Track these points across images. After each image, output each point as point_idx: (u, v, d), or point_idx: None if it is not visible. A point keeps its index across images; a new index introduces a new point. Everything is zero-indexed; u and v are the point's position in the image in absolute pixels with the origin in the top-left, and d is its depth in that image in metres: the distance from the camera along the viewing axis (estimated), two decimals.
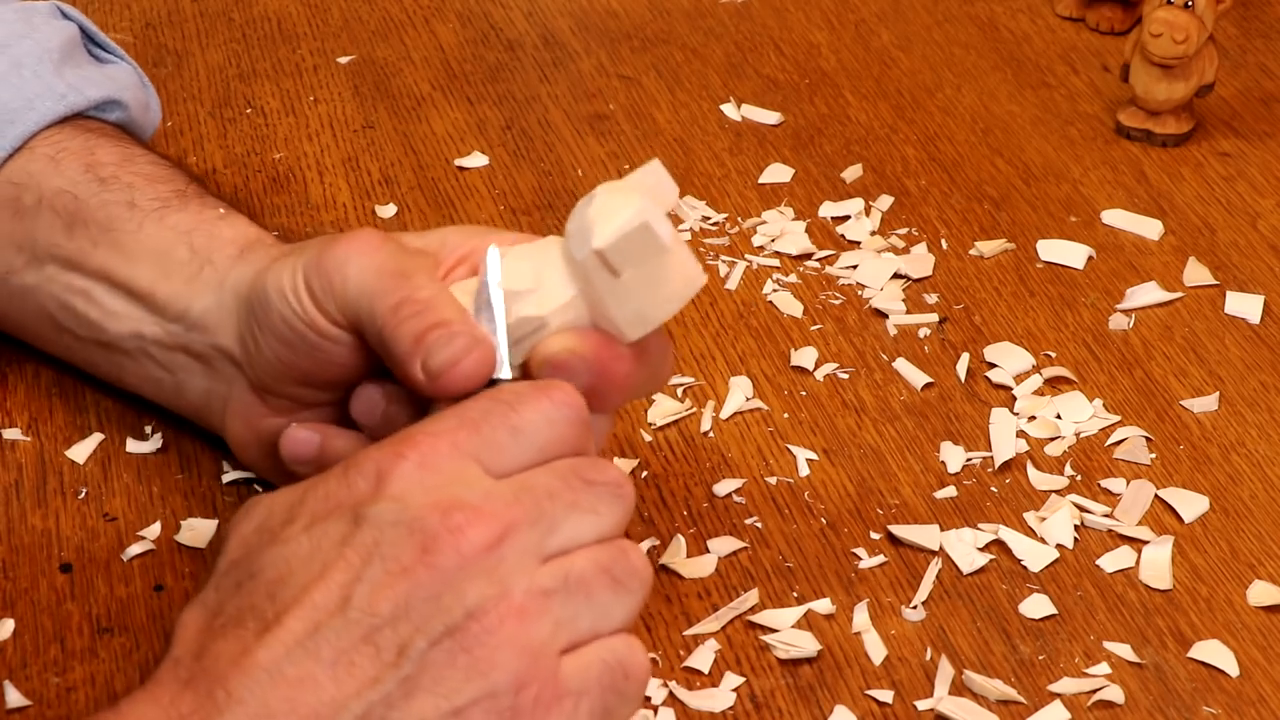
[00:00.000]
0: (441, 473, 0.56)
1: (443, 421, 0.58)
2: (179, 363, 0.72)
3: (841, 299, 0.85)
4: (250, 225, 0.73)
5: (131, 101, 0.81)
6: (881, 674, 0.67)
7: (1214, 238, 0.91)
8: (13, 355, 0.79)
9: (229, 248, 0.71)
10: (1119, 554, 0.72)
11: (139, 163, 0.76)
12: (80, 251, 0.73)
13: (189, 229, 0.72)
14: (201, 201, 0.74)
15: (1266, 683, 0.67)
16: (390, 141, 0.96)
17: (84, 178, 0.74)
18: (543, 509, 0.57)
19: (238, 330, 0.69)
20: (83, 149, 0.76)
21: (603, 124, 0.98)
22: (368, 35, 1.05)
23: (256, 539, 0.57)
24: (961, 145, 0.97)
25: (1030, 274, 0.88)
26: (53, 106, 0.77)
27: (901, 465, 0.76)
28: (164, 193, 0.74)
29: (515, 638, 0.54)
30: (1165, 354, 0.83)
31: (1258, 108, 1.01)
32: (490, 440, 0.58)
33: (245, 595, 0.55)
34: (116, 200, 0.73)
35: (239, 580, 0.56)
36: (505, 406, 0.59)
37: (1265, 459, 0.77)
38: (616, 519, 0.58)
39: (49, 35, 0.79)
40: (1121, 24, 1.07)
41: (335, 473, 0.57)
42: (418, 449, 0.57)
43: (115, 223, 0.73)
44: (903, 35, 1.07)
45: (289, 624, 0.53)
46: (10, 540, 0.71)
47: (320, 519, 0.56)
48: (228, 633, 0.54)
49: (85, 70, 0.80)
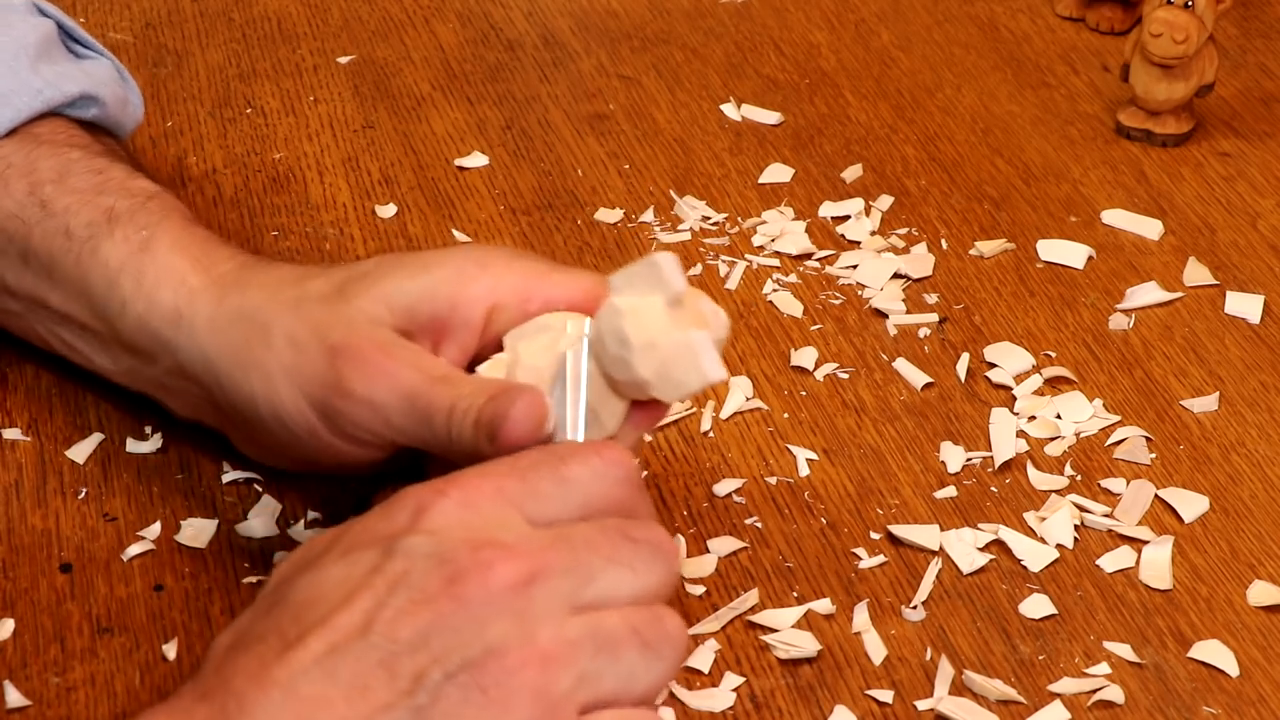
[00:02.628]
0: (481, 513, 0.56)
1: (493, 466, 0.58)
2: (165, 395, 0.73)
3: (841, 299, 0.85)
4: (172, 252, 0.70)
5: (109, 97, 0.80)
6: (881, 674, 0.67)
7: (1214, 238, 0.91)
8: (13, 355, 0.79)
9: (160, 304, 0.69)
10: (1119, 554, 0.72)
11: (74, 176, 0.74)
12: (39, 285, 0.73)
13: (118, 267, 0.70)
14: (129, 221, 0.71)
15: (1266, 683, 0.67)
16: (390, 141, 0.96)
17: (29, 200, 0.73)
18: (579, 558, 0.56)
19: (212, 402, 0.70)
20: (26, 165, 0.74)
21: (603, 124, 0.98)
22: (368, 35, 1.05)
23: (293, 569, 0.57)
24: (961, 145, 0.97)
25: (1030, 274, 0.88)
26: (29, 102, 0.76)
27: (901, 465, 0.76)
28: (95, 215, 0.72)
29: (534, 683, 0.53)
30: (1165, 354, 0.83)
31: (1258, 108, 1.01)
32: (535, 489, 0.57)
33: (273, 617, 0.55)
34: (55, 229, 0.72)
35: (270, 604, 0.56)
36: (555, 459, 0.58)
37: (1265, 459, 0.77)
38: (657, 580, 0.57)
39: (25, 32, 0.79)
40: (1121, 24, 1.07)
41: (379, 508, 0.57)
42: (461, 489, 0.56)
43: (55, 255, 0.72)
44: (903, 35, 1.07)
45: (309, 644, 0.53)
46: (10, 540, 0.71)
47: (356, 548, 0.56)
48: (249, 649, 0.54)
49: (61, 66, 0.79)
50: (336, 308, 0.66)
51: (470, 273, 0.67)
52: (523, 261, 0.68)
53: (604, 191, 0.93)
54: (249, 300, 0.68)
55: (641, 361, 0.62)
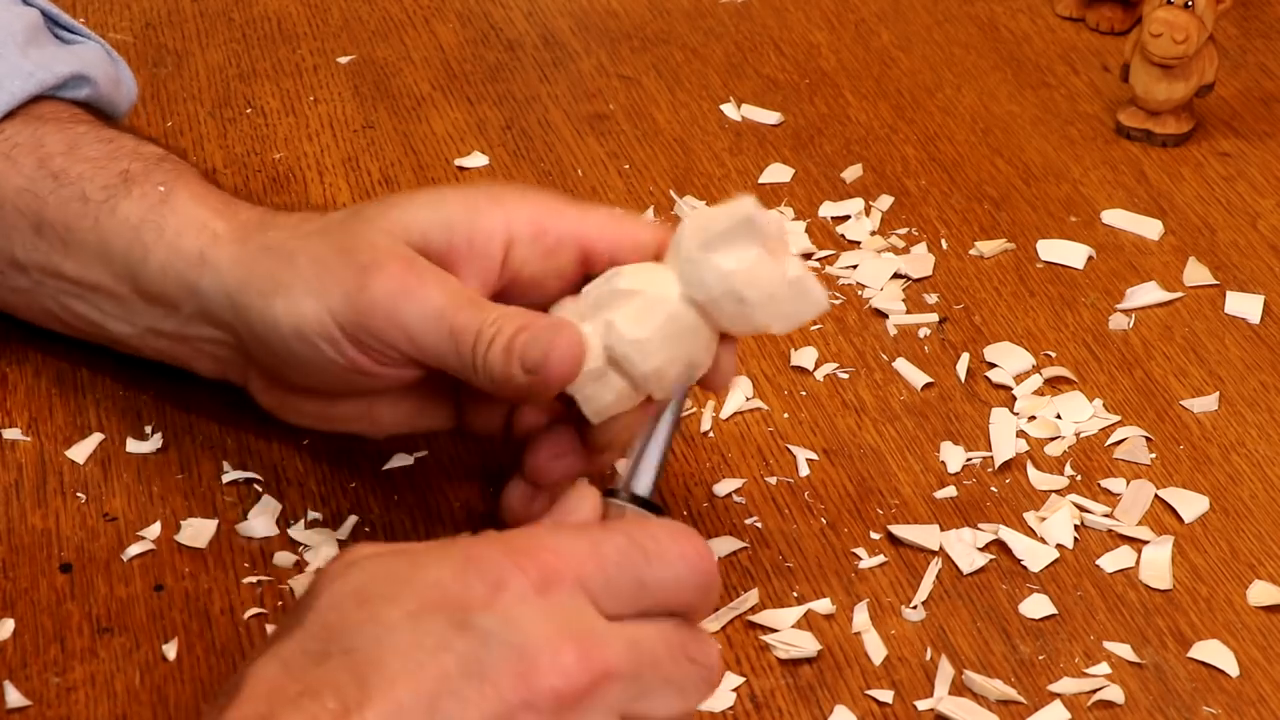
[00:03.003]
0: (558, 602, 0.54)
1: (575, 543, 0.56)
2: (186, 353, 0.73)
3: (841, 299, 0.85)
4: (191, 204, 0.72)
5: (100, 77, 0.80)
6: (881, 674, 0.67)
7: (1214, 238, 0.91)
8: (13, 355, 0.79)
9: (184, 250, 0.70)
10: (1119, 554, 0.72)
11: (85, 146, 0.75)
12: (52, 255, 0.73)
13: (138, 222, 0.72)
14: (145, 180, 0.73)
15: (1266, 683, 0.67)
16: (390, 141, 0.96)
17: (39, 174, 0.74)
18: (642, 671, 0.55)
19: (238, 337, 0.70)
20: (32, 142, 0.75)
21: (603, 124, 0.98)
22: (368, 35, 1.05)
23: (354, 608, 0.54)
24: (961, 145, 0.97)
25: (1030, 274, 0.88)
26: (22, 85, 0.76)
27: (901, 465, 0.76)
28: (110, 178, 0.73)
29: None
30: (1165, 354, 0.83)
31: (1258, 108, 1.01)
32: (616, 586, 0.56)
33: (331, 670, 0.53)
34: (70, 195, 0.73)
35: (327, 649, 0.53)
36: (642, 557, 0.56)
37: (1265, 459, 0.77)
38: (697, 702, 0.57)
39: (10, 20, 0.79)
40: (1121, 24, 1.07)
41: (453, 562, 0.55)
42: (541, 569, 0.55)
43: (72, 221, 0.73)
44: (903, 35, 1.07)
45: (368, 717, 0.51)
46: (10, 540, 0.71)
47: (427, 610, 0.54)
48: (303, 705, 0.52)
49: (50, 50, 0.80)
50: (359, 230, 0.67)
51: (483, 205, 0.67)
52: (538, 194, 0.68)
53: (604, 191, 0.93)
54: (272, 238, 0.69)
55: (762, 313, 0.64)
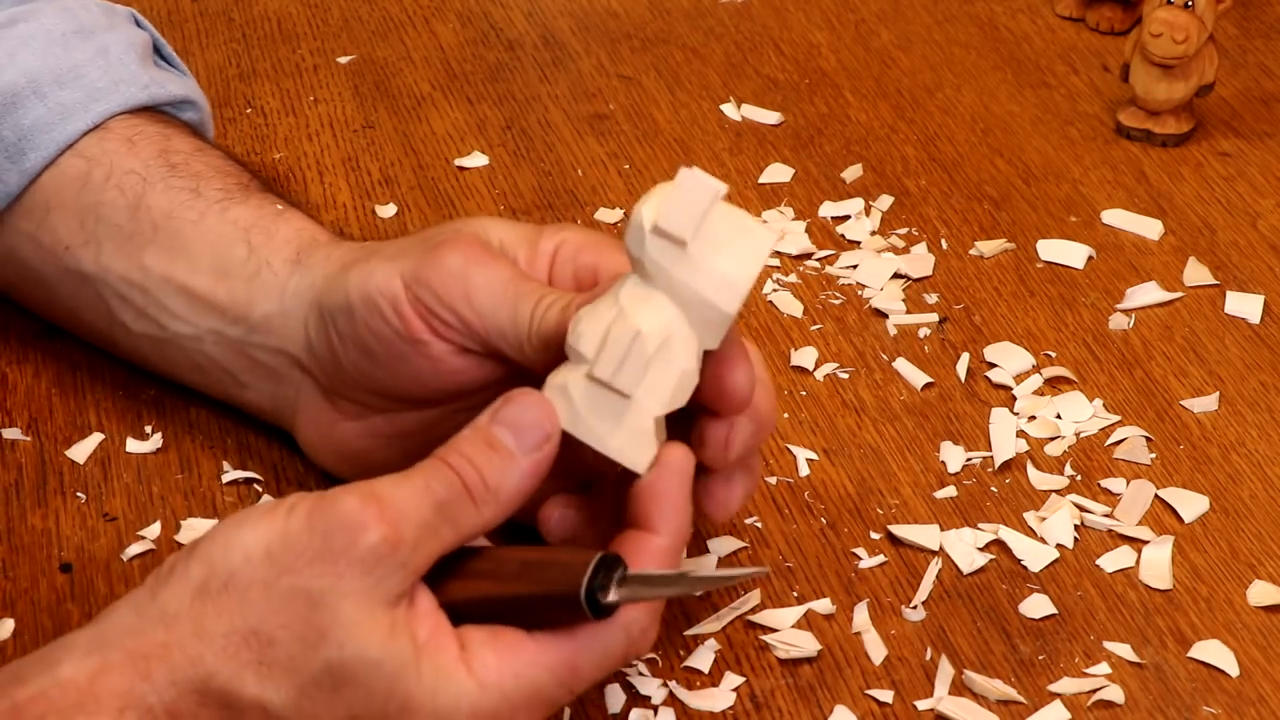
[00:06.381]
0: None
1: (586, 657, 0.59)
2: (241, 366, 0.73)
3: (841, 299, 0.85)
4: (306, 221, 0.74)
5: (204, 107, 0.83)
6: (881, 674, 0.67)
7: (1214, 238, 0.91)
8: (13, 355, 0.79)
9: (285, 249, 0.72)
10: (1119, 554, 0.72)
11: (210, 156, 0.77)
12: (138, 237, 0.74)
13: (248, 225, 0.73)
14: (263, 196, 0.75)
15: (1266, 683, 0.67)
16: (390, 141, 0.96)
17: (155, 162, 0.76)
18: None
19: (305, 337, 0.70)
20: (159, 135, 0.77)
21: (603, 124, 0.98)
22: (368, 35, 1.05)
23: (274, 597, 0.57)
24: (961, 145, 0.97)
25: (1030, 274, 0.88)
26: (136, 93, 0.78)
27: (901, 465, 0.76)
28: (229, 185, 0.75)
29: None
30: (1165, 354, 0.83)
31: (1258, 108, 1.01)
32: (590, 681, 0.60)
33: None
34: (182, 186, 0.75)
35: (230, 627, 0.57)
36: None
37: (1265, 459, 0.77)
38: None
39: (131, 34, 0.82)
40: (1121, 24, 1.07)
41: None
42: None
43: (177, 209, 0.74)
44: (903, 35, 1.07)
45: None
46: (10, 540, 0.71)
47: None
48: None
49: (164, 72, 0.82)
50: (442, 227, 0.69)
51: (547, 231, 0.69)
52: (596, 233, 0.70)
53: (604, 191, 0.93)
54: (367, 244, 0.71)
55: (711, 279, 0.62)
